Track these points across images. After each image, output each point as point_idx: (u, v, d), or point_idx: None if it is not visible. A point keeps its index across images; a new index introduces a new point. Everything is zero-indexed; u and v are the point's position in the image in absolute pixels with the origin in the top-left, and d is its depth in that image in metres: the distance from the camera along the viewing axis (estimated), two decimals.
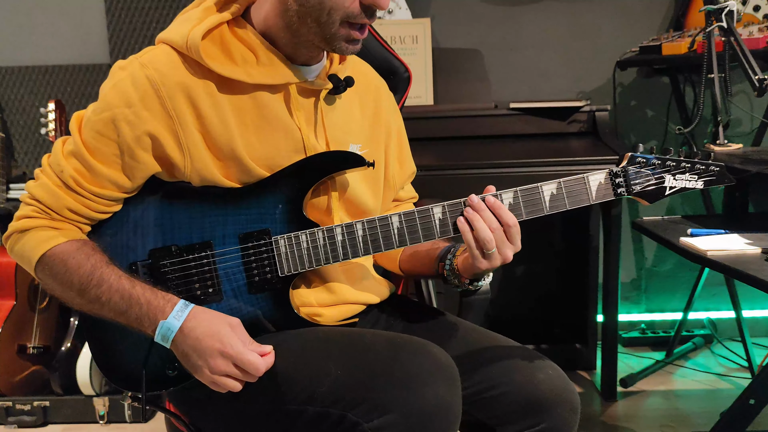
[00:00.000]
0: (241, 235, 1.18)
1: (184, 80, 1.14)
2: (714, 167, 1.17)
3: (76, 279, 1.13)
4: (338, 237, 1.17)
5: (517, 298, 2.75)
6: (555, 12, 2.78)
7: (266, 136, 1.19)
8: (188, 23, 1.16)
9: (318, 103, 1.24)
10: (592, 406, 2.48)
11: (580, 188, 1.16)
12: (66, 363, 2.43)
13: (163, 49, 1.17)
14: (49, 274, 1.15)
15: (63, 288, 1.15)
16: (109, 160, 1.15)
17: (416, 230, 1.17)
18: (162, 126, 1.14)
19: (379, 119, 1.36)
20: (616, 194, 1.16)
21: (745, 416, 1.76)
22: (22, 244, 1.16)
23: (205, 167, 1.16)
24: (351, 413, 1.05)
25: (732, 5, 1.98)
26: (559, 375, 1.21)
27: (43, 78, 2.81)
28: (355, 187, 1.28)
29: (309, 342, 1.16)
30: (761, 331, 2.93)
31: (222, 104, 1.16)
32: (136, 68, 1.14)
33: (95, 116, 1.15)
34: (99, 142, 1.14)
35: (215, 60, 1.15)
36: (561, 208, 1.16)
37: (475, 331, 1.31)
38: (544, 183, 1.15)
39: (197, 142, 1.15)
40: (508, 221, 1.13)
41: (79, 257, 1.13)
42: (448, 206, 1.16)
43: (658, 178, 1.17)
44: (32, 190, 1.16)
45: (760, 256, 1.55)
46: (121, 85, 1.14)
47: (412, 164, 1.46)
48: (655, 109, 2.81)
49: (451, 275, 1.26)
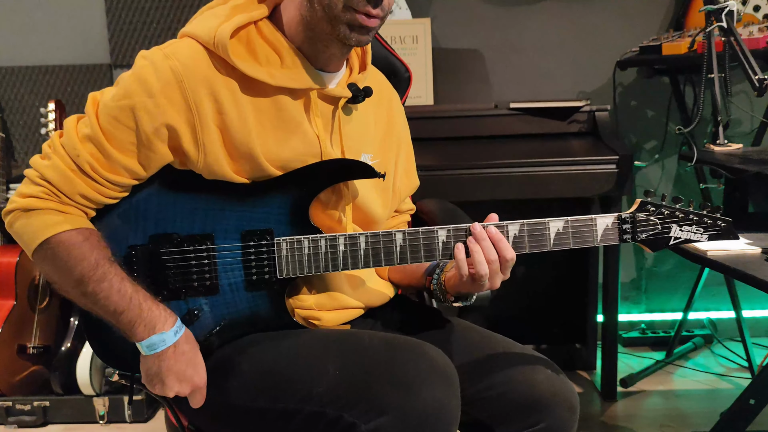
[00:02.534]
0: (243, 232, 1.18)
1: (208, 75, 1.14)
2: (721, 222, 1.17)
3: (77, 270, 1.10)
4: (340, 247, 1.17)
5: (516, 298, 2.74)
6: (555, 12, 2.78)
7: (283, 140, 1.19)
8: (216, 19, 1.16)
9: (336, 111, 1.24)
10: (591, 406, 2.48)
11: (586, 229, 1.16)
12: (66, 363, 2.42)
13: (188, 42, 1.16)
14: (49, 260, 1.12)
15: (60, 276, 1.13)
16: (126, 148, 1.12)
17: (418, 250, 1.17)
18: (181, 118, 1.13)
19: (391, 130, 1.37)
20: (621, 240, 1.17)
21: (745, 416, 1.76)
22: (25, 224, 1.12)
23: (217, 163, 1.15)
24: (347, 414, 1.05)
25: (732, 5, 1.98)
26: (558, 375, 1.21)
27: (43, 78, 2.81)
28: (365, 195, 1.28)
29: (307, 342, 1.16)
30: (761, 331, 2.93)
31: (243, 103, 1.16)
32: (160, 58, 1.13)
33: (114, 102, 1.12)
34: (116, 129, 1.12)
35: (241, 58, 1.14)
36: (564, 246, 1.17)
37: (475, 332, 1.31)
38: (551, 219, 1.16)
39: (214, 138, 1.14)
40: (506, 255, 1.14)
41: (84, 248, 1.11)
42: (453, 230, 1.16)
43: (664, 228, 1.17)
44: (43, 170, 1.12)
45: (760, 256, 1.55)
46: (143, 74, 1.12)
47: (417, 178, 1.47)
48: (655, 109, 2.81)
49: (437, 290, 1.27)
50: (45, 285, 2.55)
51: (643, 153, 2.85)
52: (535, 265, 2.74)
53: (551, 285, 2.77)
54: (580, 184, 2.27)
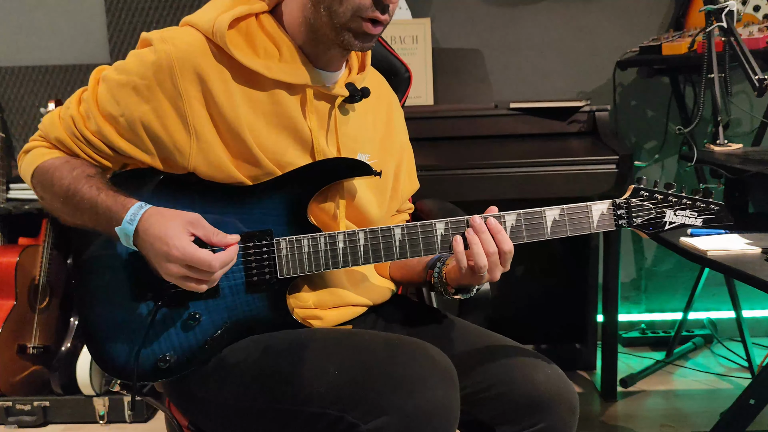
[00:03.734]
0: (242, 234, 1.18)
1: (201, 62, 1.15)
2: (714, 206, 1.18)
3: (59, 190, 1.17)
4: (340, 244, 1.18)
5: (516, 298, 2.75)
6: (555, 12, 2.78)
7: (276, 131, 1.20)
8: (216, 10, 1.18)
9: (333, 110, 1.25)
10: (591, 406, 2.48)
11: (582, 216, 1.17)
12: (66, 363, 2.43)
13: (188, 30, 1.19)
14: (41, 187, 1.22)
15: (52, 199, 1.20)
16: (108, 115, 1.18)
17: (417, 244, 1.17)
18: (170, 104, 1.15)
19: (391, 133, 1.38)
20: (617, 225, 1.17)
21: (745, 416, 1.76)
22: (24, 161, 1.25)
23: (212, 149, 1.17)
24: (349, 414, 1.05)
25: (732, 5, 1.98)
26: (558, 375, 1.21)
27: (43, 78, 2.81)
28: (362, 196, 1.28)
29: (307, 342, 1.16)
30: (761, 331, 2.93)
31: (234, 92, 1.17)
32: (158, 41, 1.16)
33: (115, 74, 1.19)
34: (107, 100, 1.18)
35: (238, 49, 1.16)
36: (561, 234, 1.17)
37: (475, 331, 1.31)
38: (547, 208, 1.16)
39: (204, 123, 1.16)
40: (504, 247, 1.14)
41: (63, 170, 1.18)
42: (451, 223, 1.17)
43: (659, 213, 1.18)
44: (43, 119, 1.25)
45: (760, 256, 1.55)
46: (141, 56, 1.18)
47: (417, 181, 1.48)
48: (655, 109, 2.81)
49: (438, 283, 1.27)
50: (45, 285, 2.55)
51: (643, 153, 2.85)
52: (536, 265, 2.75)
53: (551, 285, 2.77)
54: (580, 184, 2.27)
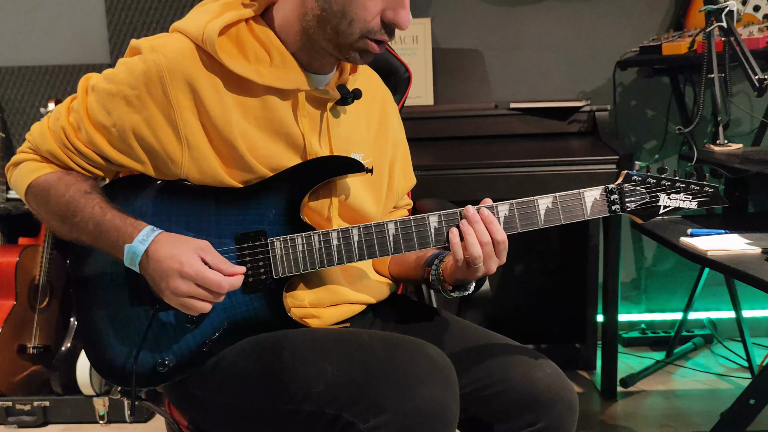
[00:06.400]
0: (237, 236, 1.18)
1: (191, 71, 1.15)
2: (708, 188, 1.18)
3: (56, 208, 1.18)
4: (334, 241, 1.17)
5: (516, 297, 2.75)
6: (555, 12, 2.78)
7: (268, 137, 1.20)
8: (206, 15, 1.16)
9: (325, 113, 1.24)
10: (591, 406, 2.48)
11: (575, 203, 1.17)
12: (66, 363, 2.43)
13: (177, 37, 1.17)
14: (36, 203, 1.22)
15: (49, 216, 1.21)
16: (99, 124, 1.18)
17: (411, 238, 1.17)
18: (161, 114, 1.15)
19: (385, 130, 1.37)
20: (610, 211, 1.17)
21: (745, 416, 1.76)
22: (15, 174, 1.25)
23: (204, 159, 1.17)
24: (346, 413, 1.05)
25: (732, 5, 1.98)
26: (556, 373, 1.20)
27: (43, 78, 2.81)
28: (356, 194, 1.28)
29: (305, 341, 1.16)
30: (761, 331, 2.93)
31: (226, 100, 1.16)
32: (147, 51, 1.15)
33: (105, 84, 1.18)
34: (97, 110, 1.17)
35: (229, 56, 1.15)
36: (555, 222, 1.17)
37: (474, 330, 1.31)
38: (540, 197, 1.16)
39: (196, 132, 1.16)
40: (497, 237, 1.14)
41: (59, 187, 1.19)
42: (444, 216, 1.16)
43: (652, 197, 1.18)
44: (32, 130, 1.24)
45: (760, 256, 1.55)
46: (130, 65, 1.16)
47: (413, 176, 1.48)
48: (655, 109, 2.81)
49: (435, 281, 1.27)
50: (45, 285, 2.55)
51: (643, 153, 2.85)
52: (536, 264, 2.75)
53: (551, 285, 2.77)
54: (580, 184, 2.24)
